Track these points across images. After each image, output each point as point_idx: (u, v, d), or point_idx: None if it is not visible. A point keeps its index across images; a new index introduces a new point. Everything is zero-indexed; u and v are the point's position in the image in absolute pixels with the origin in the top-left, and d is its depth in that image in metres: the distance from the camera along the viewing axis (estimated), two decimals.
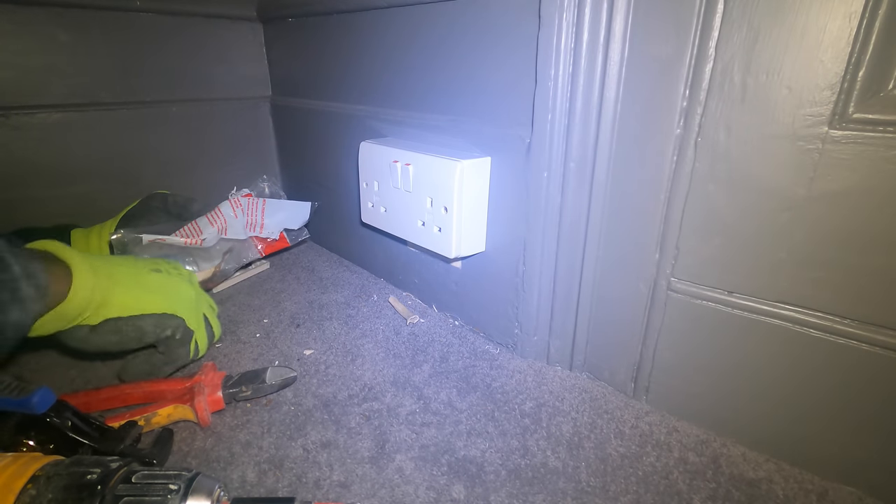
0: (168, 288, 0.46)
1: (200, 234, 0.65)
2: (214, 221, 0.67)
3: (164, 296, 0.45)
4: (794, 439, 0.41)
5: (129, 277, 0.43)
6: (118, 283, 0.42)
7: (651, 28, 0.39)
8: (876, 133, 0.32)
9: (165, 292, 0.45)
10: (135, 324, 0.43)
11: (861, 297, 0.36)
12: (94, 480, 0.30)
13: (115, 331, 0.42)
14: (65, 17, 0.68)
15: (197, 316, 0.49)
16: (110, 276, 0.41)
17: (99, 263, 0.41)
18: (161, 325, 0.45)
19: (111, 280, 0.41)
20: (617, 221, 0.46)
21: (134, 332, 0.43)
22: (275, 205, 0.73)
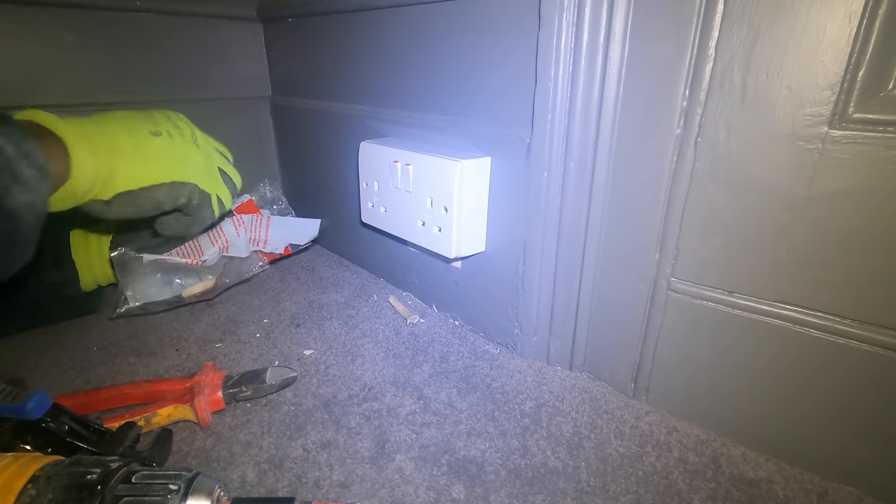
0: (173, 154, 0.44)
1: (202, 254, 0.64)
2: (216, 241, 0.67)
3: (171, 164, 0.43)
4: (795, 439, 0.41)
5: (131, 148, 0.41)
6: (120, 156, 0.40)
7: (651, 28, 0.39)
8: (876, 133, 0.32)
9: (171, 160, 0.43)
10: (147, 195, 0.42)
11: (861, 298, 0.36)
12: (94, 480, 0.30)
13: (129, 203, 0.41)
14: (65, 17, 0.68)
15: (210, 176, 0.47)
16: (110, 149, 0.40)
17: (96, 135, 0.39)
18: (174, 194, 0.43)
19: (112, 154, 0.39)
20: (617, 221, 0.46)
21: (148, 202, 0.42)
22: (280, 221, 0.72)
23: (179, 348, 0.59)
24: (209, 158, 0.48)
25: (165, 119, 0.47)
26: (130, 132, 0.42)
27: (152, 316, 0.65)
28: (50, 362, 0.55)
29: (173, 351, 0.58)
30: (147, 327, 0.63)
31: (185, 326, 0.63)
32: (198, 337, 0.61)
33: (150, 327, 0.63)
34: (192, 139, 0.47)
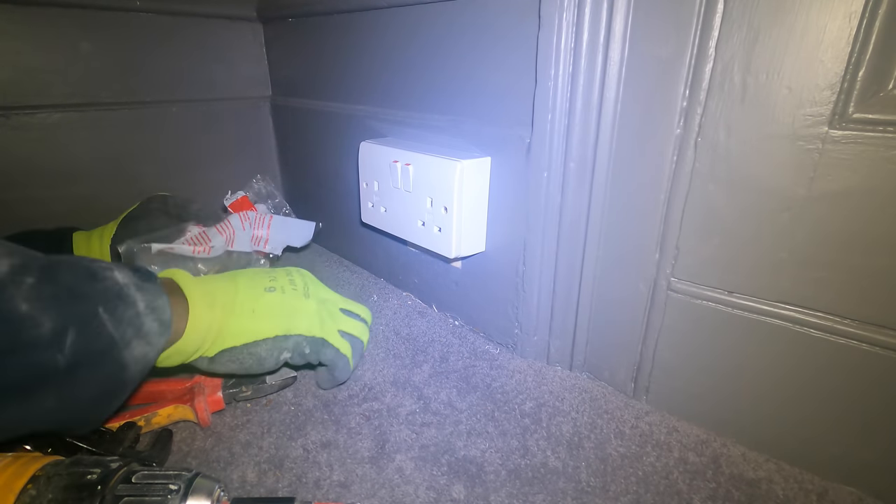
0: (282, 309, 0.44)
1: (209, 241, 0.65)
2: (223, 231, 0.67)
3: (278, 318, 0.44)
4: (795, 439, 0.41)
5: (243, 305, 0.42)
6: (233, 313, 0.41)
7: (651, 28, 0.39)
8: (876, 133, 0.32)
9: (279, 314, 0.44)
10: (249, 351, 0.42)
11: (862, 298, 0.36)
12: (94, 480, 0.30)
13: (231, 359, 0.42)
14: (65, 17, 0.68)
15: (322, 322, 0.46)
16: (226, 306, 0.41)
17: (215, 292, 0.41)
18: (276, 348, 0.43)
19: (227, 311, 0.41)
20: (617, 221, 0.46)
21: (250, 359, 0.42)
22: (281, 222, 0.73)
23: None
24: (323, 304, 0.48)
25: (284, 275, 0.48)
26: (248, 288, 0.44)
27: None
28: None
29: None
30: None
31: None
32: None
33: None
34: (304, 291, 0.47)
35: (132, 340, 0.33)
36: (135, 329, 0.33)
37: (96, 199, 0.74)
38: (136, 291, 0.34)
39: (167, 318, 0.35)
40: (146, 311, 0.34)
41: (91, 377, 0.32)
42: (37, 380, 0.29)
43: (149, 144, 0.79)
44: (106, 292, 0.33)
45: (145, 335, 0.33)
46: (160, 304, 0.35)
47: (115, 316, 0.32)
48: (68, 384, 0.30)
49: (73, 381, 0.30)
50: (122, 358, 0.32)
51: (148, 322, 0.34)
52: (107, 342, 0.31)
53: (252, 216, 0.71)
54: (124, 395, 0.35)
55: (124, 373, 0.33)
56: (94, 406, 0.34)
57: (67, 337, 0.29)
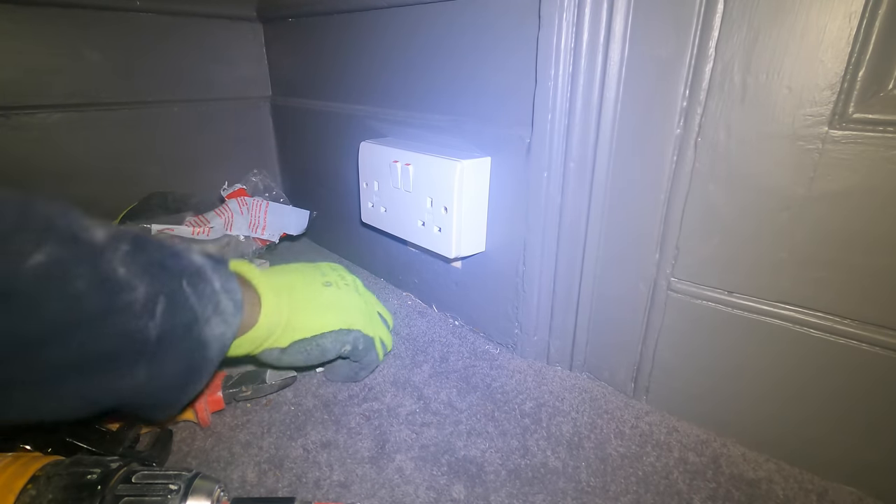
0: (341, 303, 0.47)
1: (208, 223, 0.66)
2: (222, 214, 0.69)
3: (339, 312, 0.46)
4: (795, 439, 0.41)
5: (307, 298, 0.44)
6: (298, 305, 0.43)
7: (651, 28, 0.39)
8: (876, 133, 0.32)
9: (339, 308, 0.46)
10: (317, 343, 0.44)
11: (862, 298, 0.36)
12: (94, 480, 0.30)
13: (301, 351, 0.43)
14: (65, 17, 0.68)
15: (372, 320, 0.49)
16: (291, 298, 0.43)
17: (280, 284, 0.43)
18: (340, 341, 0.45)
19: (292, 303, 0.42)
20: (617, 221, 0.46)
21: (317, 350, 0.44)
22: (277, 208, 0.74)
23: None
24: (369, 304, 0.51)
25: (332, 270, 0.50)
26: (307, 284, 0.46)
27: None
28: None
29: None
30: None
31: None
32: None
33: None
34: (355, 287, 0.50)
35: (211, 317, 0.33)
36: (213, 305, 0.34)
37: (96, 199, 0.74)
38: (212, 272, 0.35)
39: (239, 299, 0.36)
40: (222, 290, 0.35)
41: (178, 352, 0.32)
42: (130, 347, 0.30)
43: (149, 144, 0.79)
44: (189, 267, 0.33)
45: (222, 313, 0.34)
46: (233, 286, 0.36)
47: (197, 291, 0.33)
48: (158, 357, 0.31)
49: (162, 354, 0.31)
50: (203, 334, 0.33)
51: (224, 300, 0.34)
52: (191, 316, 0.32)
53: (249, 202, 0.72)
54: (206, 375, 0.35)
55: (206, 350, 0.34)
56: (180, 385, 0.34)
57: (158, 306, 0.30)
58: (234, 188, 0.74)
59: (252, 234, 0.72)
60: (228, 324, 0.35)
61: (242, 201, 0.71)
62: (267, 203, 0.74)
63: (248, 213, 0.71)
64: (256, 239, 0.73)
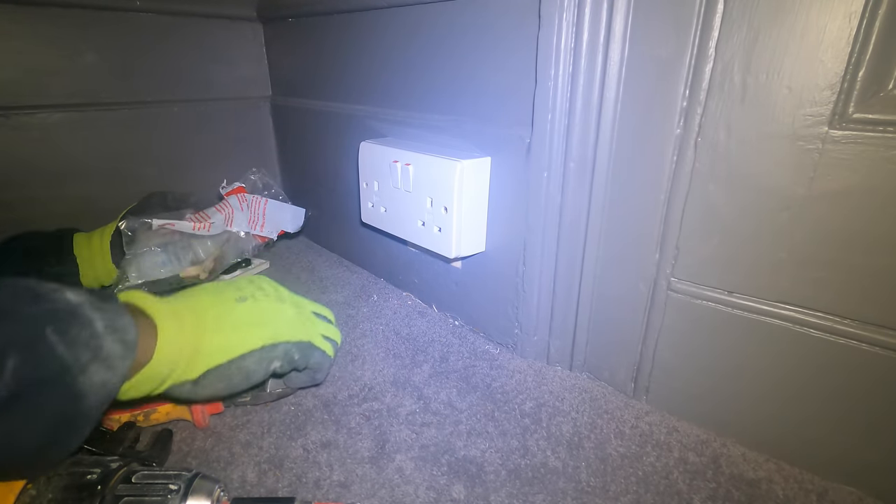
0: (260, 316, 0.42)
1: (209, 218, 0.66)
2: (222, 210, 0.69)
3: (258, 327, 0.41)
4: (795, 439, 0.41)
5: (216, 317, 0.39)
6: (206, 328, 0.38)
7: (651, 28, 0.39)
8: (876, 133, 0.32)
9: (258, 323, 0.41)
10: (237, 366, 0.39)
11: (862, 298, 0.36)
12: (93, 480, 0.30)
13: (220, 379, 0.38)
14: (65, 17, 0.68)
15: (303, 324, 0.45)
16: (196, 321, 0.38)
17: (182, 309, 0.38)
18: (265, 359, 0.40)
19: (198, 327, 0.37)
20: (617, 221, 0.46)
21: (239, 375, 0.39)
22: (276, 206, 0.75)
23: None
24: (298, 307, 0.46)
25: (249, 283, 0.45)
26: (216, 303, 0.41)
27: None
28: None
29: None
30: None
31: None
32: None
33: None
34: (277, 296, 0.45)
35: (89, 365, 0.28)
36: (92, 352, 0.29)
37: (96, 199, 0.74)
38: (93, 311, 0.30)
39: (132, 338, 0.31)
40: (105, 331, 0.29)
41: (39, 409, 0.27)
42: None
43: (149, 144, 0.79)
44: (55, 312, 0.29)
45: (105, 359, 0.29)
46: (123, 324, 0.31)
47: (67, 337, 0.28)
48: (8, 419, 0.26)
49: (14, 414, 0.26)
50: (77, 385, 0.28)
51: (108, 344, 0.29)
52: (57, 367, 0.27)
53: (249, 198, 0.73)
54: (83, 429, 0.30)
55: (81, 403, 0.28)
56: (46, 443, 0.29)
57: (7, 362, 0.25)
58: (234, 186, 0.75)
59: (251, 230, 0.72)
60: (114, 369, 0.30)
61: (242, 198, 0.72)
62: (266, 200, 0.74)
63: (247, 209, 0.72)
64: (255, 236, 0.73)
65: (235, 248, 0.71)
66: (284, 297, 0.46)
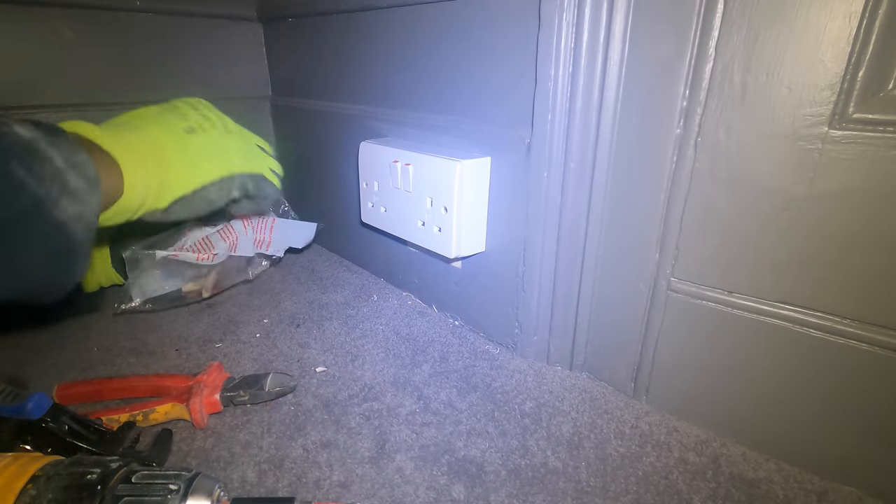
0: (215, 148, 0.43)
1: (213, 248, 0.65)
2: (226, 237, 0.67)
3: (215, 159, 0.43)
4: (795, 439, 0.41)
5: (175, 151, 0.40)
6: (167, 163, 0.39)
7: (651, 28, 0.39)
8: (876, 133, 0.32)
9: (214, 155, 0.43)
10: (200, 197, 0.42)
11: (862, 298, 0.36)
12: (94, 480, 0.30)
13: (183, 208, 0.41)
14: (65, 17, 0.68)
15: (254, 157, 0.47)
16: (157, 158, 0.39)
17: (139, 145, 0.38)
18: (225, 188, 0.43)
19: (159, 162, 0.39)
20: (617, 221, 0.46)
21: (202, 203, 0.42)
22: (283, 224, 0.73)
23: (179, 348, 0.59)
24: (244, 139, 0.47)
25: (192, 110, 0.45)
26: (170, 135, 0.41)
27: (152, 316, 0.65)
28: (50, 362, 0.55)
29: (173, 351, 0.58)
30: (147, 327, 0.63)
31: (186, 326, 0.63)
32: (198, 337, 0.61)
33: (150, 327, 0.63)
34: (224, 127, 0.46)
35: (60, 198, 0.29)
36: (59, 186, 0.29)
37: None
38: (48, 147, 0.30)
39: (93, 174, 0.31)
40: (66, 167, 0.30)
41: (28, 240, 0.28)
42: None
43: None
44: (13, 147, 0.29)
45: (73, 192, 0.30)
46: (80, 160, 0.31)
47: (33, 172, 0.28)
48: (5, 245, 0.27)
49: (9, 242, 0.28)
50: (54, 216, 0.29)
51: (72, 179, 0.30)
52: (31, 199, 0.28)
53: (255, 220, 0.71)
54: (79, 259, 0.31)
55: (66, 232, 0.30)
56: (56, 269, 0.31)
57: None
58: None
59: (257, 250, 0.71)
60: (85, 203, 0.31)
61: (248, 220, 0.70)
62: (273, 219, 0.72)
63: (252, 231, 0.70)
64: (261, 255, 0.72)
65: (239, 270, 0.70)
66: (231, 127, 0.47)
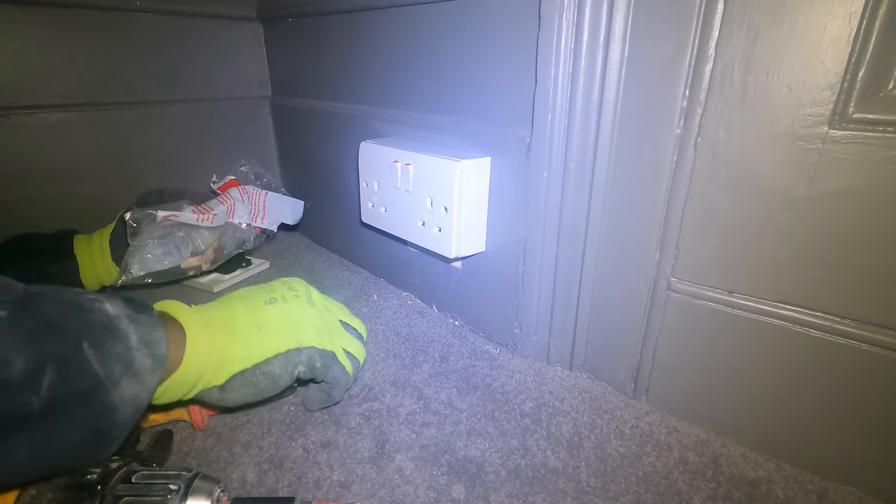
0: (287, 320, 0.41)
1: (212, 210, 0.67)
2: (224, 202, 0.70)
3: (285, 331, 0.41)
4: (795, 439, 0.41)
5: (245, 322, 0.39)
6: (236, 335, 0.38)
7: (651, 28, 0.39)
8: (876, 133, 0.32)
9: (285, 327, 0.41)
10: (262, 371, 0.39)
11: (862, 298, 0.36)
12: (93, 480, 0.30)
13: (245, 384, 0.38)
14: (65, 17, 0.68)
15: (331, 332, 0.44)
16: (225, 328, 0.38)
17: (215, 317, 0.38)
18: (290, 363, 0.40)
19: (229, 334, 0.38)
20: (617, 221, 0.46)
21: (265, 380, 0.39)
22: (275, 198, 0.76)
23: None
24: (327, 313, 0.45)
25: (282, 285, 0.45)
26: (246, 307, 0.41)
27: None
28: None
29: None
30: None
31: None
32: None
33: None
34: (308, 298, 0.44)
35: (121, 379, 0.29)
36: (124, 366, 0.29)
37: (96, 199, 0.74)
38: (129, 324, 0.31)
39: (162, 353, 0.32)
40: (138, 345, 0.30)
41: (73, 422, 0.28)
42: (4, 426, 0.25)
43: (149, 145, 0.79)
44: (93, 325, 0.29)
45: (136, 373, 0.30)
46: (155, 338, 0.32)
47: (103, 352, 0.29)
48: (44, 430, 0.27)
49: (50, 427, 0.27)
50: (109, 399, 0.29)
51: (140, 358, 0.30)
52: (91, 382, 0.28)
53: (250, 190, 0.73)
54: (116, 440, 0.30)
55: (113, 416, 0.29)
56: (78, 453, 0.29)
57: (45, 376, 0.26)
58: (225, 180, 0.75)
59: (252, 222, 0.72)
60: (144, 384, 0.30)
61: (243, 189, 0.73)
62: (266, 193, 0.75)
63: (248, 201, 0.73)
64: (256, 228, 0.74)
65: (235, 239, 0.71)
66: (315, 299, 0.45)
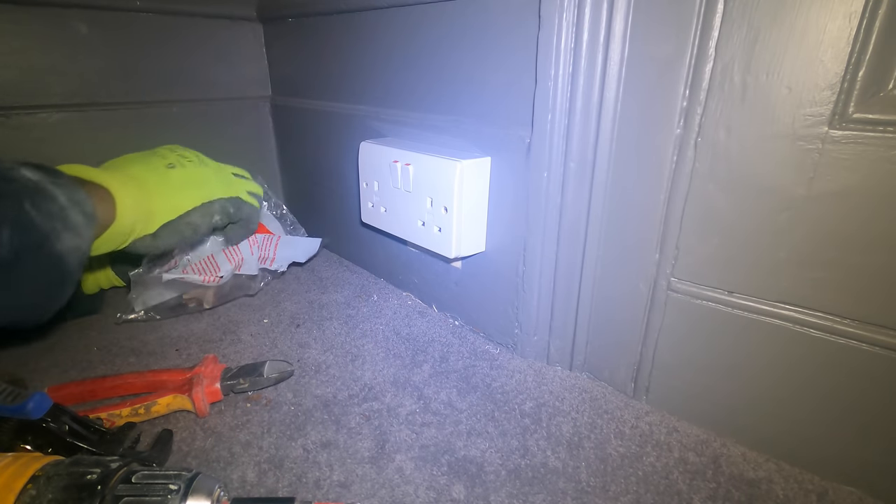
0: (193, 179, 0.48)
1: (218, 271, 0.65)
2: (232, 259, 0.67)
3: (195, 188, 0.47)
4: (794, 439, 0.41)
5: (158, 183, 0.45)
6: (153, 192, 0.44)
7: (651, 28, 0.39)
8: (876, 133, 0.32)
9: (193, 184, 0.47)
10: (186, 221, 0.45)
11: (861, 298, 0.36)
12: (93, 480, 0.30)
13: (172, 232, 0.45)
14: (65, 17, 0.68)
15: (228, 183, 0.51)
16: (142, 188, 0.43)
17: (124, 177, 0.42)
18: (207, 213, 0.47)
19: (145, 191, 0.43)
20: (617, 221, 0.46)
21: (189, 228, 0.46)
22: (288, 241, 0.74)
23: (179, 348, 0.59)
24: (220, 171, 0.52)
25: (170, 152, 0.51)
26: (150, 170, 0.46)
27: None
28: (50, 363, 0.55)
29: (173, 351, 0.58)
30: (147, 328, 0.63)
31: (186, 327, 0.63)
32: (198, 337, 0.61)
33: (151, 328, 0.63)
34: (200, 162, 0.51)
35: (62, 233, 0.34)
36: (62, 222, 0.34)
37: None
38: (54, 188, 0.34)
39: (90, 210, 0.36)
40: (68, 203, 0.34)
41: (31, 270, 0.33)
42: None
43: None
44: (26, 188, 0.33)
45: (73, 227, 0.34)
46: (80, 198, 0.36)
47: (42, 211, 0.33)
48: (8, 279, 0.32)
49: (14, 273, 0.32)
50: (55, 250, 0.33)
51: (73, 215, 0.34)
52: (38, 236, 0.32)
53: (260, 238, 0.70)
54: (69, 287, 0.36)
55: (62, 263, 0.34)
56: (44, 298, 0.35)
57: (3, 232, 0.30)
58: None
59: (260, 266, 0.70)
60: (82, 236, 0.35)
61: (254, 239, 0.70)
62: (278, 237, 0.73)
63: (258, 250, 0.70)
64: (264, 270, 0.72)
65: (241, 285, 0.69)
66: (206, 161, 0.52)
